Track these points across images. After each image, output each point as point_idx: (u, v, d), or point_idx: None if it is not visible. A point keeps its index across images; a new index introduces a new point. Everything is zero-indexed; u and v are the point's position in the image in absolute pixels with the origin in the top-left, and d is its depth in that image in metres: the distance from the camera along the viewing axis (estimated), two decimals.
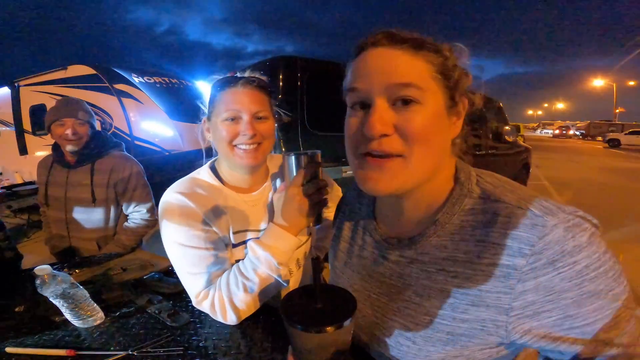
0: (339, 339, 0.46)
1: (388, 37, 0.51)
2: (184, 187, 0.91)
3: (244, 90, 0.88)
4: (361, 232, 0.68)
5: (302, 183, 0.75)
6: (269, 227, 0.82)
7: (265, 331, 0.84)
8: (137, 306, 0.98)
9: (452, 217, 0.52)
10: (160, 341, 0.82)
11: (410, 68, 0.48)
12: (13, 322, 0.92)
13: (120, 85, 5.50)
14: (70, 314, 0.87)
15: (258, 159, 0.91)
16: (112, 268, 1.22)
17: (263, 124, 0.91)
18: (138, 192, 1.69)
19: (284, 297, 0.50)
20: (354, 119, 0.53)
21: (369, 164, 0.51)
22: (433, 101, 0.49)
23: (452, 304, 0.49)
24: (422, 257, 0.54)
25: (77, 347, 0.79)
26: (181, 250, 0.86)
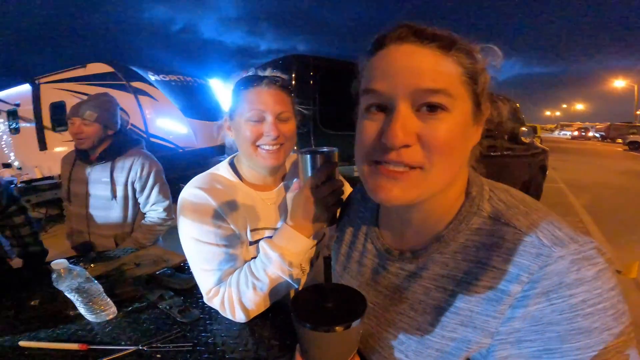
0: (348, 339, 0.46)
1: (415, 32, 0.45)
2: (203, 182, 0.92)
3: (268, 91, 0.88)
4: (363, 238, 0.65)
5: (316, 183, 0.73)
6: (281, 227, 0.81)
7: (273, 329, 0.84)
8: (148, 301, 0.99)
9: (458, 235, 0.49)
10: (170, 337, 0.82)
11: (441, 71, 0.43)
12: (28, 315, 0.94)
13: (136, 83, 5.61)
14: (84, 308, 0.89)
15: (280, 160, 0.91)
16: (126, 263, 1.24)
17: (286, 124, 0.90)
18: (155, 190, 1.72)
19: (295, 295, 0.49)
20: (370, 124, 0.47)
21: (382, 174, 0.46)
22: (461, 109, 0.45)
23: (442, 322, 0.48)
24: (422, 272, 0.52)
25: (89, 341, 0.81)
26: (196, 246, 0.87)
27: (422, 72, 0.43)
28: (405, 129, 0.43)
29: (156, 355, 0.76)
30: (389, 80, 0.44)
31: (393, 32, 0.46)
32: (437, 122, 0.43)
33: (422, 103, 0.43)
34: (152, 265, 1.21)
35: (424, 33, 0.44)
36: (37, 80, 6.45)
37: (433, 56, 0.43)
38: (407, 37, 0.45)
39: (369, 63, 0.49)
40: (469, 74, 0.45)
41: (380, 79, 0.45)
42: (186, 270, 1.21)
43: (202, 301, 0.90)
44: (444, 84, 0.43)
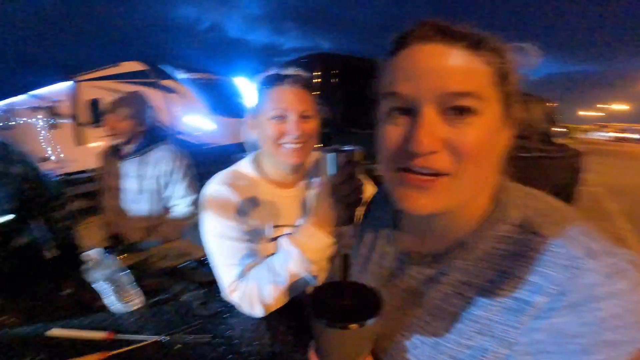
0: (362, 337, 0.45)
1: (441, 30, 0.42)
2: (227, 178, 0.94)
3: (291, 90, 0.89)
4: (383, 240, 0.65)
5: (338, 182, 0.74)
6: (302, 224, 0.82)
7: (289, 325, 0.86)
8: (172, 293, 1.03)
9: (482, 242, 0.47)
10: (190, 328, 0.85)
11: (469, 72, 0.41)
12: (60, 304, 1.00)
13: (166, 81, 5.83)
14: (113, 297, 0.93)
15: (303, 158, 0.92)
16: (153, 255, 1.29)
17: (308, 123, 0.91)
18: (182, 185, 1.77)
19: (312, 290, 0.49)
20: (393, 128, 0.45)
21: (409, 182, 0.44)
22: (491, 112, 0.42)
23: (459, 329, 0.46)
24: (442, 278, 0.50)
25: (115, 330, 0.85)
26: (219, 241, 0.89)
27: (450, 74, 0.41)
28: (432, 134, 0.41)
29: (176, 346, 0.79)
30: (412, 82, 0.42)
31: (416, 31, 0.43)
32: (466, 127, 0.41)
33: (450, 107, 0.41)
34: (177, 258, 1.26)
35: (451, 31, 0.42)
36: (75, 78, 6.81)
37: (461, 56, 0.41)
38: (431, 36, 0.42)
39: (390, 63, 0.46)
40: (500, 75, 0.42)
41: (403, 81, 0.43)
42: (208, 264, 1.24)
43: (222, 295, 0.92)
44: (472, 86, 0.40)
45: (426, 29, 0.43)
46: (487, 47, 0.42)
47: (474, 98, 0.41)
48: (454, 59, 0.41)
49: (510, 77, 0.44)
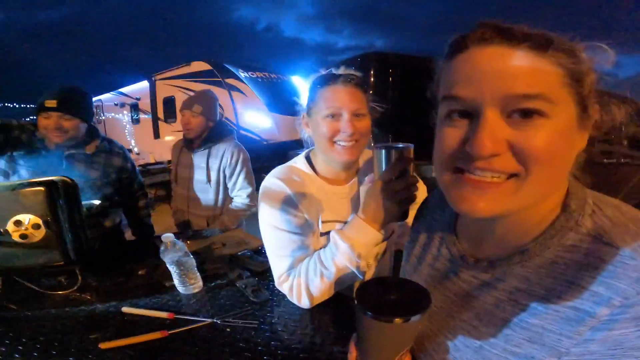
0: (404, 333, 0.46)
1: (501, 32, 0.40)
2: (283, 173, 0.99)
3: (344, 89, 0.90)
4: (438, 242, 0.63)
5: (390, 178, 0.73)
6: (352, 219, 0.83)
7: (333, 319, 0.88)
8: (228, 279, 1.11)
9: (546, 250, 0.44)
10: (241, 313, 0.91)
11: (536, 74, 0.38)
12: (134, 283, 1.13)
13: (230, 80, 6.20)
14: (178, 280, 1.04)
15: (355, 155, 0.94)
16: (215, 242, 1.40)
17: (361, 121, 0.92)
18: (242, 177, 1.91)
19: (360, 284, 0.51)
20: (452, 130, 0.43)
21: (467, 183, 0.42)
22: (563, 114, 0.39)
23: (507, 335, 0.44)
24: (497, 284, 0.48)
25: (176, 311, 0.93)
26: (273, 232, 0.94)
27: (514, 76, 0.38)
28: (494, 137, 0.39)
29: (226, 329, 0.85)
30: (473, 85, 0.41)
31: (474, 33, 0.42)
32: (533, 129, 0.39)
33: (515, 109, 0.39)
34: (236, 246, 1.35)
35: (512, 33, 0.39)
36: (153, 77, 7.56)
37: (526, 58, 0.39)
38: (491, 39, 0.40)
39: (447, 67, 0.45)
40: (572, 76, 0.39)
41: (462, 85, 0.42)
42: (263, 253, 1.31)
43: (273, 284, 0.98)
44: (541, 88, 0.38)
45: (484, 32, 0.41)
46: (556, 47, 0.39)
47: (542, 100, 0.38)
48: (518, 61, 0.39)
49: (586, 77, 0.40)
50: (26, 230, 0.86)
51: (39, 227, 0.87)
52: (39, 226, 0.87)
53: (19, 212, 0.87)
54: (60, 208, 0.90)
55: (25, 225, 0.86)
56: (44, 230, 0.87)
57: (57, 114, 1.34)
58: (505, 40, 0.40)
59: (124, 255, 1.38)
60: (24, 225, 0.86)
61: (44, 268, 0.93)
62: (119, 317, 0.93)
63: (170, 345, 0.79)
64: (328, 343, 0.79)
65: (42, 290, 1.04)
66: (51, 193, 0.89)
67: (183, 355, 0.76)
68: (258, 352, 0.77)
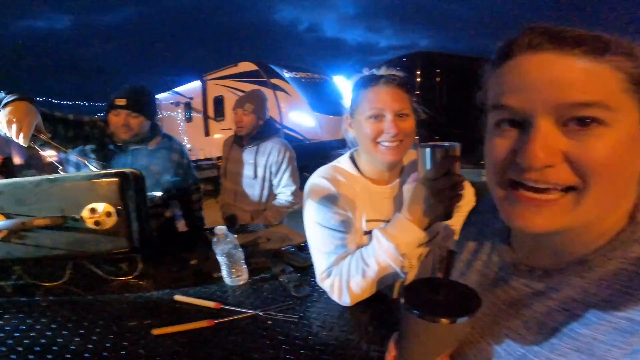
0: (449, 335, 0.45)
1: (551, 37, 0.37)
2: (328, 173, 1.02)
3: (386, 89, 0.91)
4: (488, 249, 0.62)
5: (435, 177, 0.73)
6: (395, 217, 0.83)
7: (371, 318, 0.88)
8: (272, 273, 1.16)
9: (608, 262, 0.42)
10: (282, 307, 0.95)
11: (592, 81, 0.36)
12: (186, 273, 1.21)
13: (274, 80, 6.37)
14: (226, 271, 1.10)
15: (399, 155, 0.94)
16: (260, 237, 1.46)
17: (405, 121, 0.93)
18: (287, 174, 1.98)
19: (409, 282, 0.50)
20: (502, 141, 0.41)
21: (520, 199, 0.40)
22: (625, 122, 0.37)
23: (554, 344, 0.42)
24: (551, 293, 0.46)
25: (222, 301, 0.99)
26: (317, 230, 0.97)
27: (568, 84, 0.36)
28: (548, 147, 0.37)
29: (267, 322, 0.89)
30: (522, 94, 0.39)
31: (522, 39, 0.40)
32: (591, 139, 0.36)
33: (570, 117, 0.37)
34: (280, 241, 1.40)
35: (564, 37, 0.37)
36: (204, 77, 7.99)
37: (580, 64, 0.36)
38: (541, 45, 0.38)
39: (495, 75, 0.43)
40: (633, 80, 0.37)
41: (511, 94, 0.40)
42: (305, 250, 1.35)
43: (315, 280, 1.01)
44: (598, 95, 0.36)
45: (532, 37, 0.39)
46: (613, 50, 0.36)
47: (600, 108, 0.36)
48: (571, 68, 0.37)
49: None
50: (99, 217, 0.96)
51: (110, 215, 0.97)
52: (110, 214, 0.97)
53: (94, 200, 0.96)
54: (129, 198, 0.99)
55: (99, 213, 0.96)
56: (115, 218, 0.97)
57: (126, 112, 1.47)
58: (556, 46, 0.37)
59: (178, 246, 1.48)
60: (98, 212, 0.96)
61: (110, 254, 1.02)
62: (171, 305, 1.00)
63: (215, 334, 0.85)
64: (365, 341, 0.80)
65: (105, 276, 1.15)
66: (123, 183, 0.98)
67: (227, 344, 0.81)
68: (296, 345, 0.80)
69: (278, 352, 0.78)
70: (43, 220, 0.93)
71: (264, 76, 6.44)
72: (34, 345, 0.81)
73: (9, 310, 0.97)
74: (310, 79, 6.92)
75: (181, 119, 9.25)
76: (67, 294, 1.07)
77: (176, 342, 0.81)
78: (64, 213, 0.95)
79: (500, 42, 0.43)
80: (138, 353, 0.78)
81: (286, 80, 6.44)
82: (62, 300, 1.03)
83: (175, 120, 9.34)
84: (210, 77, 7.84)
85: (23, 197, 0.96)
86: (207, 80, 7.90)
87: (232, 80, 7.09)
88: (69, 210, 0.96)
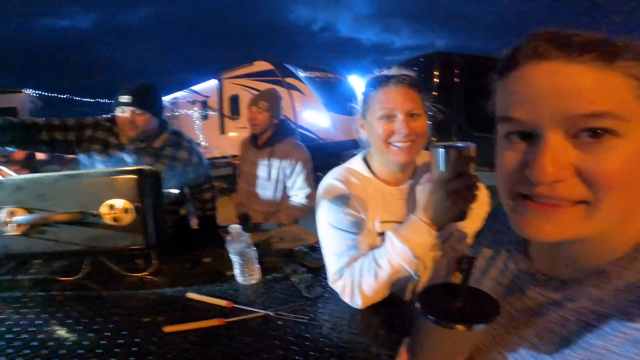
0: (464, 342, 0.44)
1: (559, 44, 0.36)
2: (341, 174, 1.01)
3: (396, 89, 0.90)
4: (505, 257, 0.61)
5: (449, 177, 0.71)
6: (408, 218, 0.82)
7: (382, 321, 0.87)
8: (284, 273, 1.16)
9: (626, 273, 0.41)
10: (293, 308, 0.95)
11: (602, 89, 0.34)
12: (199, 270, 1.22)
13: (289, 79, 6.40)
14: (238, 270, 1.10)
15: (411, 156, 0.93)
16: (273, 236, 1.47)
17: (416, 121, 0.91)
18: (301, 177, 1.97)
19: (425, 287, 0.50)
20: (511, 154, 0.40)
21: (530, 209, 0.40)
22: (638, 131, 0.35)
23: (565, 355, 0.41)
24: (567, 303, 0.45)
25: (234, 300, 0.99)
26: (330, 231, 0.96)
27: (575, 95, 0.34)
28: (558, 162, 0.35)
29: (278, 322, 0.89)
30: (530, 106, 0.37)
31: (526, 47, 0.38)
32: (604, 151, 0.34)
33: (581, 129, 0.35)
34: (292, 241, 1.40)
35: (570, 44, 0.35)
36: (220, 76, 8.09)
37: (589, 72, 0.34)
38: (546, 52, 0.36)
39: (501, 85, 0.41)
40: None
41: (518, 106, 0.38)
42: (318, 250, 1.34)
43: (327, 282, 1.00)
44: (609, 105, 0.34)
45: (537, 44, 0.37)
46: (624, 56, 0.34)
47: (612, 118, 0.34)
48: (579, 76, 0.35)
49: None
50: (117, 213, 0.98)
51: (128, 212, 0.98)
52: (128, 210, 0.98)
53: (112, 196, 0.98)
54: (146, 195, 1.01)
55: (117, 209, 0.98)
56: (132, 215, 0.98)
57: (131, 109, 1.47)
58: (562, 53, 0.35)
59: (191, 243, 1.50)
60: (116, 208, 0.98)
61: (127, 250, 1.03)
62: (183, 302, 1.00)
63: (226, 333, 0.85)
64: (376, 345, 0.79)
65: (121, 272, 1.18)
66: (141, 180, 1.00)
67: (237, 343, 0.81)
68: (306, 347, 0.79)
69: (287, 353, 0.77)
70: (62, 215, 0.96)
71: (278, 75, 6.48)
72: (48, 340, 0.83)
73: (27, 304, 1.00)
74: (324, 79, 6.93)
75: (197, 117, 9.41)
76: (83, 289, 1.10)
77: (187, 340, 0.82)
78: (82, 209, 0.98)
79: (505, 50, 0.41)
80: (149, 350, 0.79)
81: (301, 79, 6.46)
82: (78, 295, 1.05)
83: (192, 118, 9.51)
84: (226, 76, 7.93)
85: (44, 193, 0.99)
86: (223, 79, 8.00)
87: (248, 79, 7.16)
88: (87, 206, 0.98)
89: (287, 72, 6.52)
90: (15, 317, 0.93)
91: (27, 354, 0.78)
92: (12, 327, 0.88)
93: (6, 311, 0.96)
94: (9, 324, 0.89)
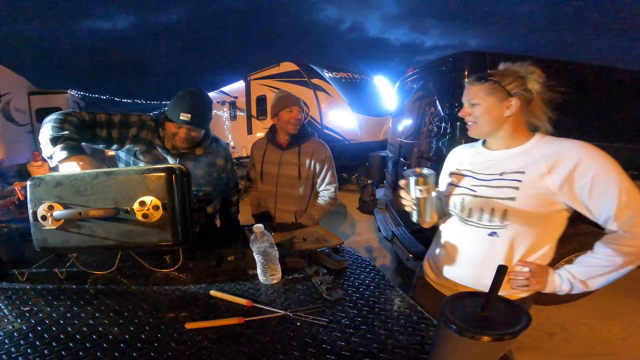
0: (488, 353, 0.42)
1: None
2: None
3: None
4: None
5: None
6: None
7: (403, 327, 0.86)
8: (305, 274, 1.16)
9: None
10: (312, 309, 0.94)
11: None
12: (224, 268, 1.24)
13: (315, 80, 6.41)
14: (261, 269, 1.11)
15: (476, 133, 1.09)
16: (296, 237, 1.47)
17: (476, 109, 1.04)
18: (330, 173, 1.98)
19: (451, 295, 0.48)
20: None
21: None
22: None
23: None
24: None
25: (254, 299, 1.00)
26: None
27: None
28: None
29: (296, 323, 0.89)
30: None
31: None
32: None
33: None
34: (315, 242, 1.40)
35: None
36: (248, 77, 8.24)
37: None
38: None
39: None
40: None
41: None
42: (341, 252, 1.34)
43: (348, 283, 0.99)
44: None
45: None
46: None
47: None
48: None
49: None
50: (147, 210, 1.02)
51: (157, 209, 1.02)
52: (157, 207, 1.02)
53: (144, 193, 1.02)
54: (175, 193, 1.03)
55: (148, 206, 1.01)
56: (161, 212, 1.02)
57: (188, 127, 1.46)
58: None
59: (216, 241, 1.53)
60: (147, 205, 1.01)
61: (155, 246, 1.07)
62: (206, 300, 1.02)
63: (244, 331, 0.86)
64: (396, 351, 0.77)
65: (149, 267, 1.22)
66: (170, 179, 1.03)
67: (254, 343, 0.81)
68: (323, 349, 0.79)
69: (304, 354, 0.77)
70: (97, 210, 1.00)
71: (304, 76, 6.51)
72: (76, 333, 0.85)
73: (59, 297, 1.05)
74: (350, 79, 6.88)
75: (226, 117, 9.64)
76: (114, 283, 1.14)
77: (206, 337, 0.84)
78: (117, 205, 1.02)
79: None
80: (170, 346, 0.80)
81: (327, 80, 6.45)
82: (108, 289, 1.10)
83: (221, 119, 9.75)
84: (253, 77, 8.06)
85: (81, 189, 1.04)
86: (250, 80, 8.14)
87: (274, 80, 7.24)
88: (121, 203, 1.02)
89: (313, 72, 6.54)
90: (48, 309, 0.97)
91: (54, 347, 0.80)
92: (45, 320, 0.92)
93: (39, 303, 1.00)
94: (41, 316, 0.93)
